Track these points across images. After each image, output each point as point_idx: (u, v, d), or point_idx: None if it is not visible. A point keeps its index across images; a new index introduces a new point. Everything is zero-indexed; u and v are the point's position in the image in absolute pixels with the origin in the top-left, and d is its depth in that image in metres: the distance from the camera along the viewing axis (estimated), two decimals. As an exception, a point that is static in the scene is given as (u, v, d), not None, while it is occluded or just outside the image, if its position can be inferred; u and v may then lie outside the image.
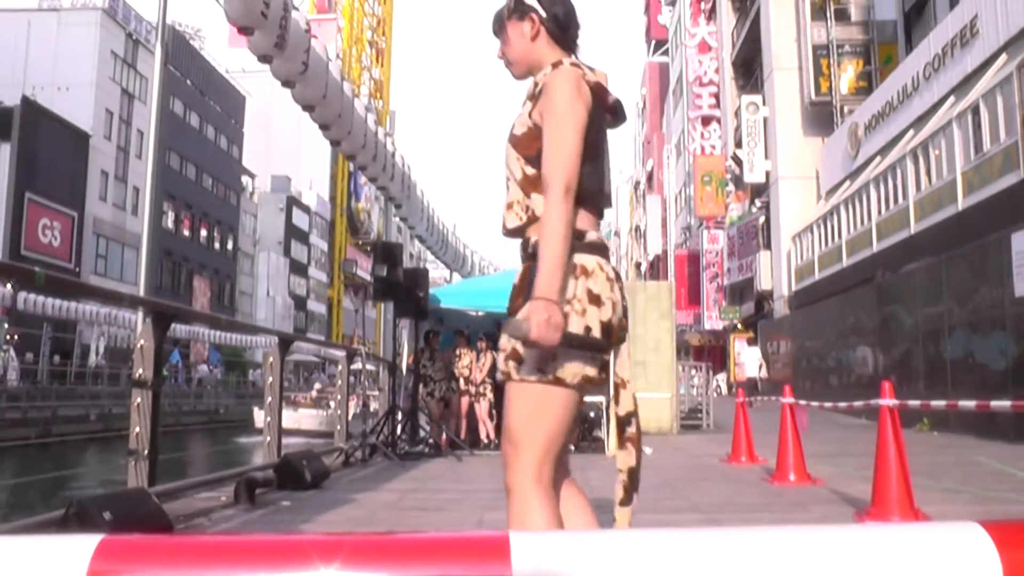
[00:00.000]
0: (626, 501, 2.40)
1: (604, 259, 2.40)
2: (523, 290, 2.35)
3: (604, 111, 2.52)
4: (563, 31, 2.57)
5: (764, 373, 31.48)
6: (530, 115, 2.46)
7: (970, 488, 7.34)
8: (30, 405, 28.39)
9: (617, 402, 2.43)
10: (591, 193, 2.42)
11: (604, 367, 2.36)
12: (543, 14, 2.55)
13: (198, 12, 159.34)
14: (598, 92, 2.47)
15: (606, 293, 2.34)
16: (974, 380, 14.02)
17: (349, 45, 67.48)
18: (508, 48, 2.62)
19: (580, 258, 2.34)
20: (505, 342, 2.35)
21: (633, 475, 2.41)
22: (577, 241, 2.35)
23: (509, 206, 2.49)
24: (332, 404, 35.55)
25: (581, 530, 2.40)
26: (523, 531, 1.15)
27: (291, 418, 32.08)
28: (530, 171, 2.43)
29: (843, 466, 8.97)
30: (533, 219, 2.41)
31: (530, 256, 2.39)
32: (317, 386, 40.26)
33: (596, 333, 2.29)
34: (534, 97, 2.48)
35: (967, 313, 14.64)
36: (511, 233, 2.49)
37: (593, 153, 2.42)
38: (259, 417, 35.06)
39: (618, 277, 2.45)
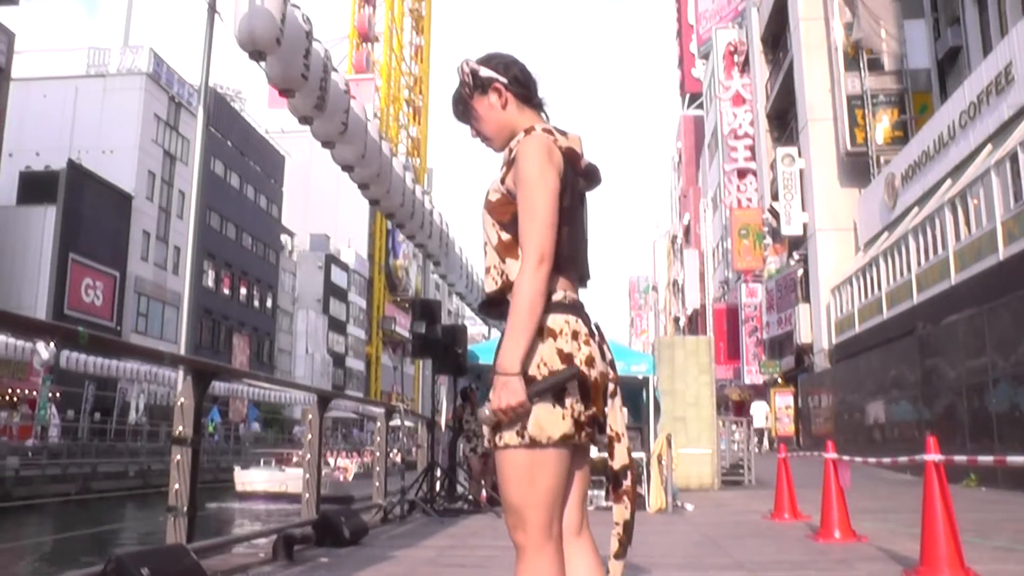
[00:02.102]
0: (621, 554, 2.41)
1: (574, 316, 2.40)
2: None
3: (577, 175, 2.51)
4: (527, 89, 2.58)
5: (771, 424, 31.82)
6: (503, 181, 2.47)
7: (1022, 546, 7.17)
8: (70, 462, 28.59)
9: (612, 456, 2.42)
10: (564, 259, 2.41)
11: (588, 422, 2.34)
12: (504, 80, 2.55)
13: (239, 74, 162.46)
14: (570, 157, 2.47)
15: (575, 350, 2.35)
16: (1021, 434, 13.76)
17: (387, 104, 68.42)
18: (482, 125, 2.61)
19: (546, 319, 2.35)
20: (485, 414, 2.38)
21: (628, 528, 2.42)
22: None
23: (487, 270, 2.50)
24: (330, 462, 31.44)
25: None
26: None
27: (276, 480, 28.75)
28: (505, 237, 2.44)
29: (889, 522, 8.81)
30: (508, 284, 2.41)
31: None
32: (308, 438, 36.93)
33: (572, 392, 2.31)
34: (509, 163, 2.48)
35: (1011, 365, 14.41)
36: (490, 296, 2.50)
37: (567, 218, 2.41)
38: (240, 478, 30.06)
39: (595, 333, 2.45)
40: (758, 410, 35.20)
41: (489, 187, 2.53)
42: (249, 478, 29.94)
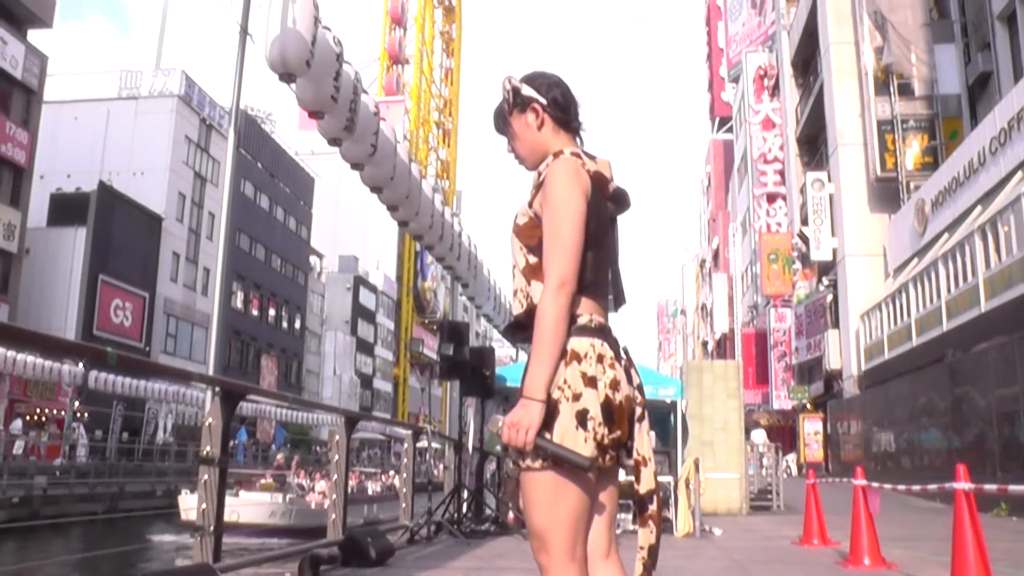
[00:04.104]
0: None
1: (600, 339, 2.40)
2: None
3: (605, 199, 2.53)
4: (565, 113, 2.59)
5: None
6: (531, 204, 2.48)
7: (1053, 574, 7.07)
8: (98, 481, 28.73)
9: (638, 481, 2.41)
10: (589, 283, 2.42)
11: (611, 445, 2.33)
12: (543, 101, 2.56)
13: (269, 96, 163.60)
14: (598, 181, 2.48)
15: (599, 374, 2.34)
16: (1054, 462, 13.59)
17: (416, 126, 68.74)
18: (517, 143, 2.63)
19: (570, 343, 2.36)
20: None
21: (653, 553, 2.42)
22: (569, 326, 2.37)
23: (515, 293, 2.52)
24: (304, 484, 25.88)
25: None
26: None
27: (228, 506, 21.71)
28: (532, 260, 2.46)
29: (919, 550, 8.72)
30: (533, 307, 2.41)
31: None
32: (280, 456, 31.52)
33: (595, 415, 2.29)
34: (537, 187, 2.49)
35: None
36: (516, 319, 2.51)
37: (593, 243, 2.42)
38: (184, 504, 22.46)
39: (622, 357, 2.45)
40: (757, 437, 35.37)
41: (518, 210, 2.54)
42: (194, 504, 22.24)
